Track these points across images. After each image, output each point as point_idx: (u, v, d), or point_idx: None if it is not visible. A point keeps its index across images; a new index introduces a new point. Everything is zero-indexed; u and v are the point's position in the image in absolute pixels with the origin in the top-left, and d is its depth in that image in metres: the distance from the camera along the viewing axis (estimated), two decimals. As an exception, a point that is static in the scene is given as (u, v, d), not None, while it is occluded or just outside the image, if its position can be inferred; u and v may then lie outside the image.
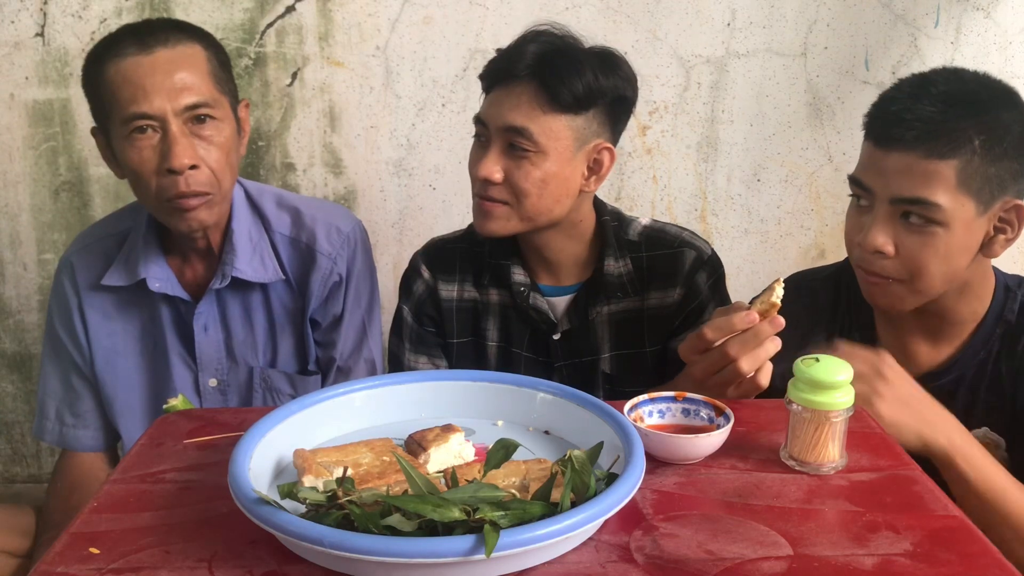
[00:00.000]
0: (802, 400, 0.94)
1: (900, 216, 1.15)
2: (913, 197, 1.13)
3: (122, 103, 1.25)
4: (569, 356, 1.43)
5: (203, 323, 1.41)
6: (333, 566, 0.76)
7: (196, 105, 1.27)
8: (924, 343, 1.27)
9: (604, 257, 1.40)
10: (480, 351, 1.46)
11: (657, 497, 0.89)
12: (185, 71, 1.27)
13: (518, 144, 1.30)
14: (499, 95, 1.32)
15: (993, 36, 1.98)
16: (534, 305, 1.42)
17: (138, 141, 1.27)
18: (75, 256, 1.45)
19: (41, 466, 2.24)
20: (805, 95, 2.02)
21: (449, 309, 1.47)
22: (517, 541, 0.72)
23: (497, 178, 1.31)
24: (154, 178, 1.27)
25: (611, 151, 1.36)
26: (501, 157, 1.32)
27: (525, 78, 1.29)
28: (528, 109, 1.29)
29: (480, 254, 1.47)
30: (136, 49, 1.26)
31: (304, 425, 0.99)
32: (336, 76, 1.99)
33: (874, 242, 1.16)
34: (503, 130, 1.30)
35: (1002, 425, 1.24)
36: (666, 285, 1.41)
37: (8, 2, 1.93)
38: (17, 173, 2.03)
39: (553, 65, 1.29)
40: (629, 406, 1.01)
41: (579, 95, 1.29)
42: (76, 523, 0.85)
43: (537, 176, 1.30)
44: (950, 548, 0.80)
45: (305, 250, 1.43)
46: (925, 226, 1.14)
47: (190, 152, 1.26)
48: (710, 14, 1.97)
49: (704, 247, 1.43)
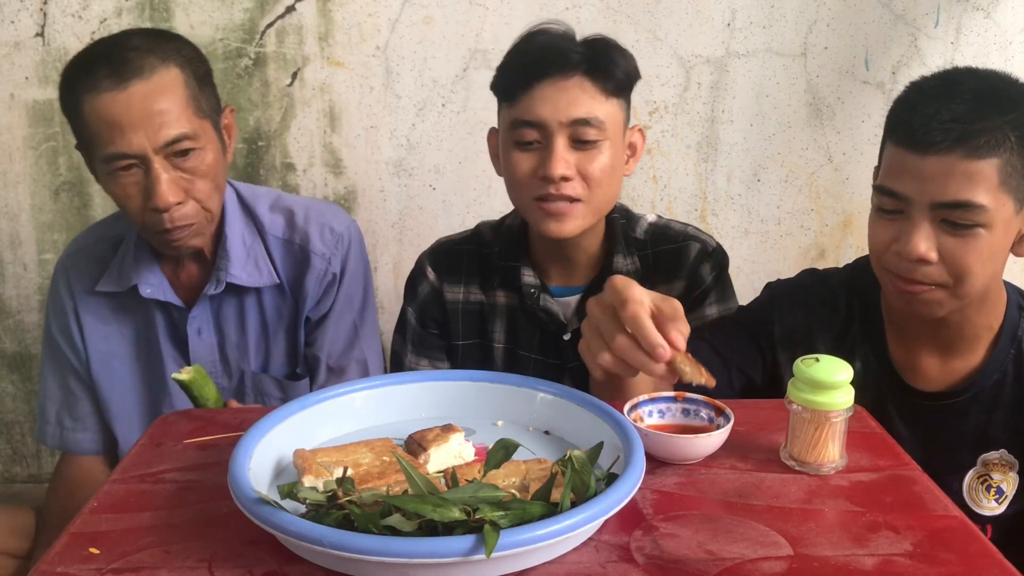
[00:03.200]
0: (802, 400, 0.94)
1: (940, 222, 1.11)
2: (957, 201, 1.09)
3: (101, 142, 1.23)
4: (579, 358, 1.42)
5: (197, 327, 1.41)
6: (333, 566, 0.76)
7: (177, 139, 1.24)
8: (936, 358, 1.24)
9: (613, 254, 1.40)
10: (486, 353, 1.46)
11: (657, 497, 0.89)
12: (163, 103, 1.23)
13: (583, 136, 1.28)
14: (547, 92, 1.28)
15: (993, 36, 1.98)
16: (544, 307, 1.41)
17: (121, 178, 1.25)
18: (70, 260, 1.45)
19: (41, 466, 2.24)
20: (805, 95, 2.02)
21: (455, 311, 1.46)
22: (517, 541, 0.72)
23: (572, 174, 1.28)
24: (139, 214, 1.27)
25: (642, 132, 1.39)
26: (570, 152, 1.29)
27: (574, 69, 1.28)
28: (588, 99, 1.28)
29: (488, 255, 1.46)
30: (111, 83, 1.21)
31: (304, 425, 0.99)
32: (336, 76, 1.99)
33: (917, 250, 1.11)
34: (567, 125, 1.28)
35: (1017, 447, 1.22)
36: (671, 278, 1.41)
37: (8, 2, 1.93)
38: (17, 173, 2.03)
39: (602, 52, 1.29)
40: (629, 406, 1.01)
41: (628, 78, 1.31)
42: (76, 523, 0.85)
43: (607, 164, 1.30)
44: (950, 548, 0.80)
45: (299, 251, 1.43)
46: (968, 229, 1.09)
47: (174, 190, 1.25)
48: (710, 14, 1.97)
49: (708, 240, 1.43)
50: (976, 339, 1.22)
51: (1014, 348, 1.21)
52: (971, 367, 1.23)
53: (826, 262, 2.11)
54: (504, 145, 1.35)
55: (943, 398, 1.23)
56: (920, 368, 1.25)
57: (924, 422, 1.24)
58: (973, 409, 1.22)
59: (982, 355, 1.23)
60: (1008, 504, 1.22)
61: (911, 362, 1.25)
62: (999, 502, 1.22)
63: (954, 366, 1.24)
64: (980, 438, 1.22)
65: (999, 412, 1.22)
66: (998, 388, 1.21)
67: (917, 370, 1.25)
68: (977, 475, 1.23)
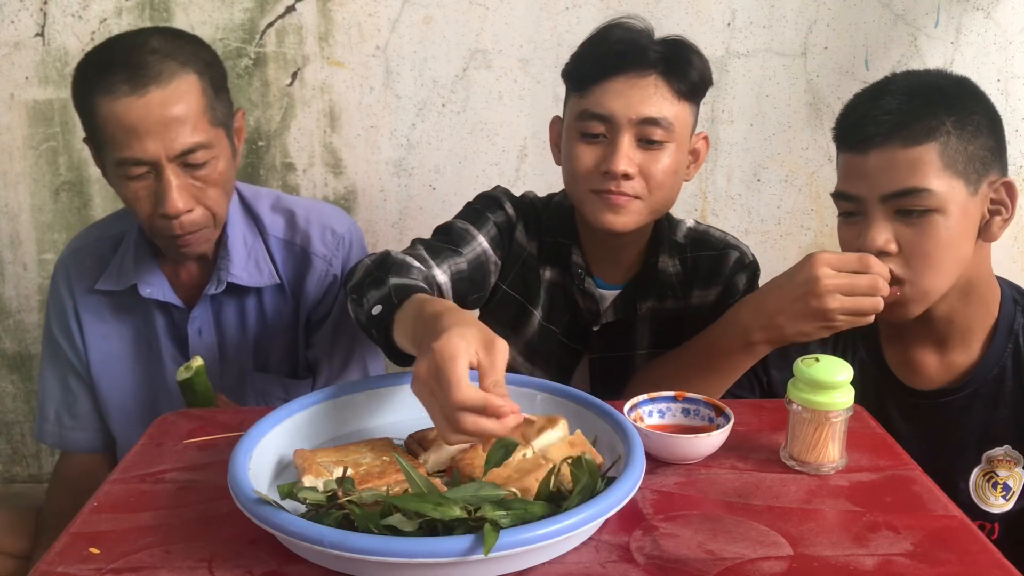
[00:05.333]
0: (802, 400, 0.94)
1: (895, 213, 1.14)
2: (904, 188, 1.12)
3: (115, 146, 1.22)
4: (605, 349, 1.42)
5: (197, 327, 1.41)
6: (333, 566, 0.76)
7: (192, 149, 1.23)
8: (932, 355, 1.25)
9: (659, 254, 1.39)
10: (521, 312, 1.43)
11: (657, 497, 0.89)
12: (180, 111, 1.22)
13: (650, 136, 1.27)
14: (620, 87, 1.26)
15: (993, 36, 1.98)
16: (587, 290, 1.40)
17: (132, 183, 1.24)
18: (70, 259, 1.45)
19: (41, 466, 2.24)
20: (805, 95, 2.02)
21: (517, 256, 1.42)
22: (517, 541, 0.72)
23: (634, 172, 1.27)
24: (148, 218, 1.27)
25: (707, 139, 1.38)
26: (635, 150, 1.28)
27: (650, 68, 1.27)
28: (660, 99, 1.26)
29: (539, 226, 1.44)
30: (128, 88, 1.20)
31: (304, 425, 0.99)
32: (336, 76, 1.99)
33: (875, 243, 1.14)
34: (635, 122, 1.26)
35: (1021, 442, 1.22)
36: (708, 285, 1.40)
37: (8, 2, 1.93)
38: (17, 173, 2.03)
39: (680, 53, 1.28)
40: (629, 406, 1.01)
41: (702, 82, 1.30)
42: (76, 523, 0.85)
43: (670, 167, 1.29)
44: (950, 548, 0.80)
45: (300, 253, 1.43)
46: (922, 216, 1.12)
47: (185, 197, 1.24)
48: (710, 14, 1.97)
49: (746, 250, 1.43)
50: (971, 334, 1.23)
51: (1011, 342, 1.22)
52: (968, 363, 1.23)
53: (826, 262, 2.11)
54: (568, 133, 1.34)
55: (942, 395, 1.23)
56: (917, 367, 1.25)
57: (925, 421, 1.24)
58: (974, 405, 1.22)
59: (979, 350, 1.23)
60: (1016, 500, 1.22)
61: (907, 361, 1.26)
62: (1007, 499, 1.22)
63: (951, 362, 1.24)
64: (983, 435, 1.22)
65: (1001, 408, 1.22)
66: (998, 383, 1.22)
67: (914, 369, 1.25)
68: (983, 472, 1.23)
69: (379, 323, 1.04)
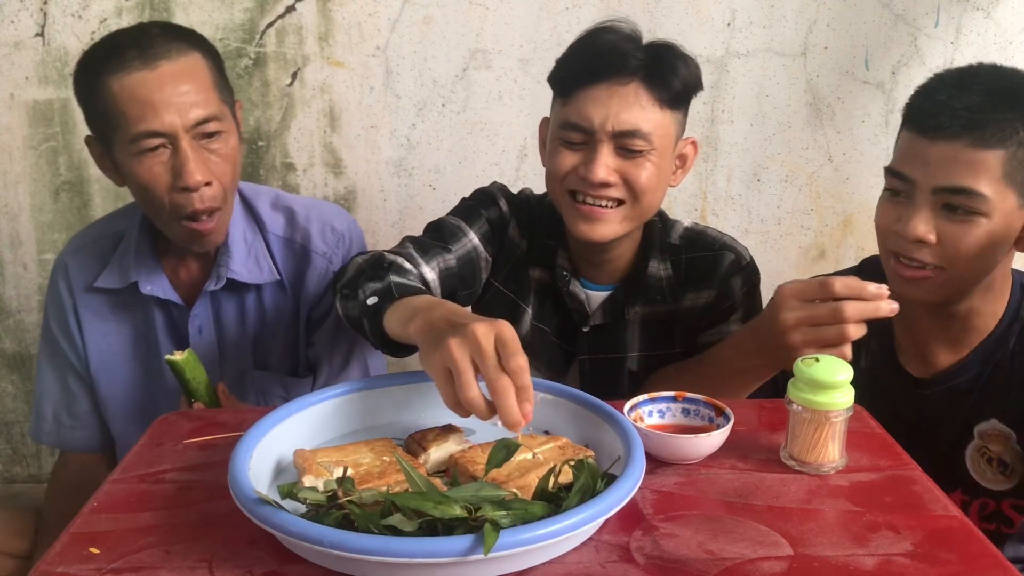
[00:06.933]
0: (802, 400, 0.94)
1: (942, 207, 1.14)
2: (958, 186, 1.12)
3: (130, 121, 1.23)
4: (594, 351, 1.42)
5: (197, 325, 1.41)
6: (333, 566, 0.76)
7: (205, 120, 1.25)
8: (943, 347, 1.26)
9: (648, 258, 1.38)
10: (513, 310, 1.42)
11: (657, 497, 0.89)
12: (191, 85, 1.25)
13: (629, 146, 1.25)
14: (600, 95, 1.25)
15: (993, 36, 1.98)
16: (573, 292, 1.40)
17: (148, 159, 1.25)
18: (70, 257, 1.45)
19: (41, 466, 2.24)
20: (805, 95, 2.02)
21: (509, 253, 1.42)
22: (517, 541, 0.72)
23: (614, 180, 1.26)
24: (167, 195, 1.27)
25: (695, 144, 1.36)
26: (614, 158, 1.26)
27: (631, 75, 1.25)
28: (639, 109, 1.25)
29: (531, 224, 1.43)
30: (140, 63, 1.23)
31: (304, 425, 0.99)
32: (336, 76, 1.99)
33: (915, 231, 1.14)
34: (614, 134, 1.25)
35: (1015, 419, 1.23)
36: (701, 287, 1.39)
37: (8, 2, 1.93)
38: (17, 173, 2.03)
39: (664, 60, 1.26)
40: (629, 406, 1.01)
41: (686, 89, 1.28)
42: (76, 523, 0.85)
43: (653, 175, 1.27)
44: (950, 548, 0.80)
45: (300, 250, 1.43)
46: (967, 216, 1.12)
47: (203, 169, 1.25)
48: (710, 14, 1.97)
49: (744, 252, 1.41)
50: (983, 328, 1.24)
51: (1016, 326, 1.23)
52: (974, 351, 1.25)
53: (826, 262, 2.11)
54: (551, 137, 1.33)
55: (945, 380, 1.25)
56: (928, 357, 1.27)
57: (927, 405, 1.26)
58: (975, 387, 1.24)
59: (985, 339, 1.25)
60: (1019, 479, 1.23)
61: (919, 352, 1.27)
62: (1005, 474, 1.23)
63: (961, 355, 1.26)
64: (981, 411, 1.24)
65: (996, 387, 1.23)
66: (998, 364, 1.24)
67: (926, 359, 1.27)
68: (976, 448, 1.24)
69: (373, 313, 1.04)
